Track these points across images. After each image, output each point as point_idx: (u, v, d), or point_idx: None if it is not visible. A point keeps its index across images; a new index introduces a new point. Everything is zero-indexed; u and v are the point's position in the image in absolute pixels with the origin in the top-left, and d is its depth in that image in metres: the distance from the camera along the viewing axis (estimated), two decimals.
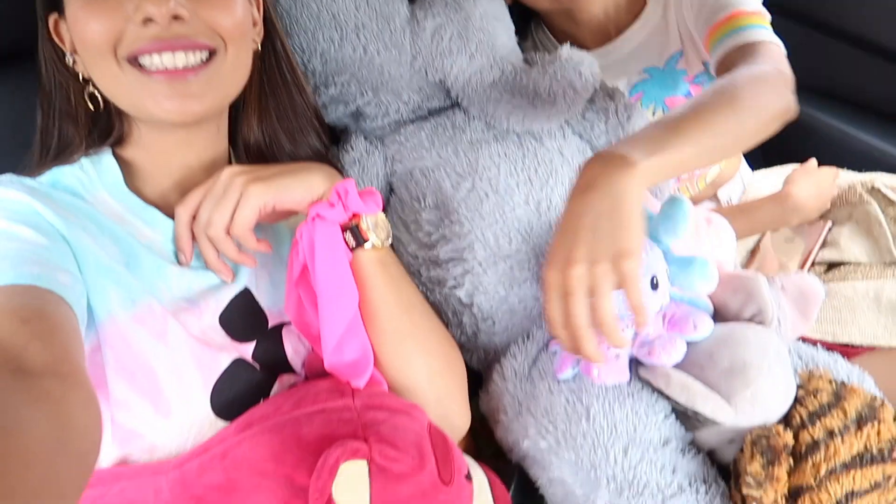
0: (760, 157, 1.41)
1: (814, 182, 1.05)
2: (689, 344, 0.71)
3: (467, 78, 0.83)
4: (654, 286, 0.72)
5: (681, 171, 0.70)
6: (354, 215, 0.64)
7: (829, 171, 1.08)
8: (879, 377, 0.79)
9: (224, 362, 0.61)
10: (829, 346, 0.85)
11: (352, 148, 0.86)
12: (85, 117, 0.66)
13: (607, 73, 0.92)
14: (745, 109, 0.70)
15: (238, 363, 0.62)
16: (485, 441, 0.87)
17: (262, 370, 0.64)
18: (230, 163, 0.74)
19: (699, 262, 0.76)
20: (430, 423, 0.58)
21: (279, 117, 0.73)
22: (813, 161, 1.10)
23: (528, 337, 0.82)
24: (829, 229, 1.07)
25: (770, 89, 0.74)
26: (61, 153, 0.65)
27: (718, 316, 0.76)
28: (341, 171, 0.83)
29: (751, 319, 0.75)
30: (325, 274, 0.60)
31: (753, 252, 1.10)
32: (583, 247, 0.60)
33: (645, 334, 0.69)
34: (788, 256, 1.09)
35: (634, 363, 0.72)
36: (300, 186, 0.63)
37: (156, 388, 0.57)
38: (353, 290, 0.62)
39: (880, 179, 1.08)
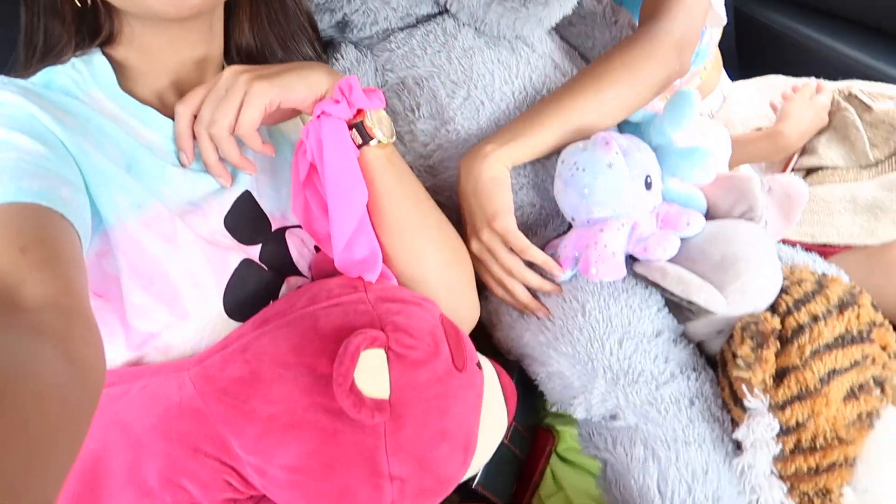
0: (738, 67, 1.43)
1: (808, 113, 1.06)
2: (682, 240, 0.73)
3: None
4: (648, 186, 0.74)
5: (543, 152, 0.79)
6: (359, 112, 0.63)
7: (824, 96, 1.08)
8: (854, 274, 0.84)
9: (233, 262, 0.61)
10: (808, 247, 0.89)
11: (341, 56, 0.84)
12: (71, 14, 0.63)
13: None
14: (618, 86, 0.79)
15: (247, 263, 0.62)
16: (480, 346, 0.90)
17: (271, 271, 0.64)
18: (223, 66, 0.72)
19: (700, 151, 0.77)
20: (441, 314, 0.60)
21: (270, 22, 0.72)
22: (808, 87, 1.10)
23: (534, 234, 0.83)
24: None
25: (650, 62, 0.81)
26: (48, 53, 0.63)
27: (709, 214, 0.78)
28: None
29: (740, 217, 0.77)
30: (334, 171, 0.60)
31: None
32: (468, 224, 0.77)
33: (640, 232, 0.71)
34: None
35: (629, 260, 0.75)
36: (304, 84, 0.62)
37: (171, 291, 0.57)
38: (363, 187, 0.62)
39: (857, 86, 1.09)
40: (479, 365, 0.61)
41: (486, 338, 0.85)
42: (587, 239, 0.72)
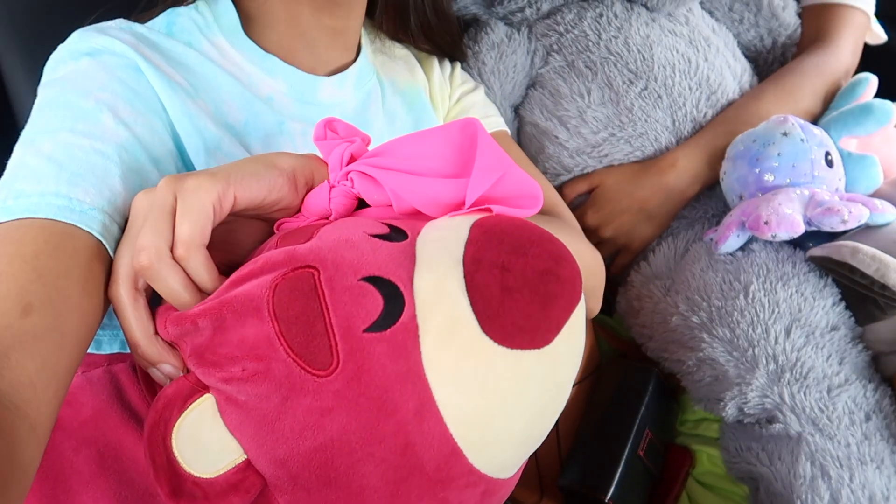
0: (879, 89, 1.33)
1: None
2: (864, 231, 0.65)
3: None
4: (829, 163, 0.67)
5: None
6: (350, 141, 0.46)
7: None
8: None
9: None
10: None
11: (491, 30, 0.81)
12: None
13: None
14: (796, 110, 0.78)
15: None
16: (606, 344, 0.81)
17: None
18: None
19: (869, 159, 0.72)
20: (274, 287, 0.35)
21: None
22: None
23: (675, 235, 0.78)
24: None
25: (822, 89, 0.81)
26: None
27: None
28: (472, 56, 0.79)
29: None
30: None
31: None
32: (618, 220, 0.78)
33: (820, 199, 0.63)
34: None
35: (802, 247, 0.67)
36: (262, 164, 0.42)
37: None
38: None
39: None
40: (387, 317, 0.34)
41: (609, 338, 0.78)
42: (757, 202, 0.65)
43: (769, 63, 0.87)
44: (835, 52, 0.82)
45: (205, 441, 0.35)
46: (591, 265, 0.63)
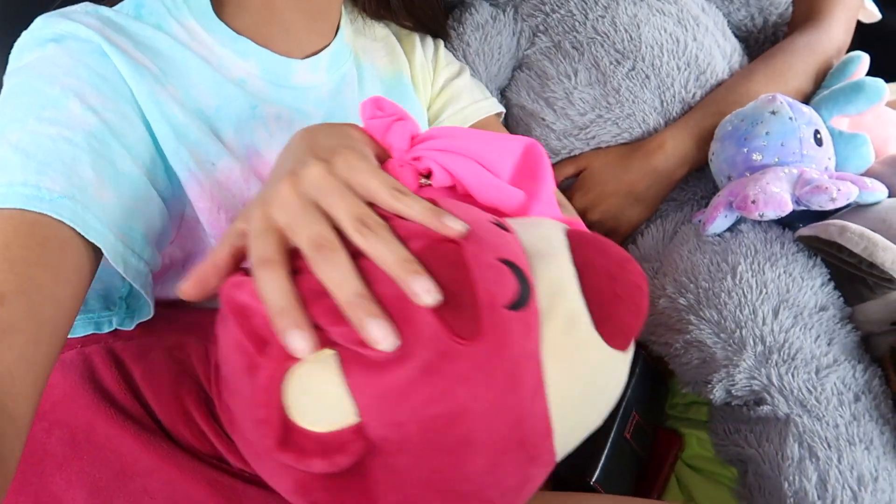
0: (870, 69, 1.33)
1: None
2: (854, 210, 0.64)
3: None
4: (818, 142, 0.66)
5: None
6: (401, 118, 0.47)
7: None
8: None
9: None
10: None
11: (476, 11, 0.80)
12: None
13: None
14: (786, 89, 0.76)
15: None
16: None
17: None
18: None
19: (860, 138, 0.71)
20: (419, 254, 0.35)
21: None
22: None
23: (664, 218, 0.78)
24: None
25: (814, 67, 0.78)
26: None
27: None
28: (456, 37, 0.78)
29: None
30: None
31: None
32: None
33: (808, 177, 0.62)
34: None
35: (790, 228, 0.66)
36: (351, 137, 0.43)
37: None
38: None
39: None
40: (518, 302, 0.35)
41: None
42: (745, 182, 0.64)
43: (760, 43, 0.86)
44: (826, 30, 0.81)
45: (321, 394, 0.34)
46: None
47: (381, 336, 0.32)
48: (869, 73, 1.15)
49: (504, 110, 0.78)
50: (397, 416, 0.34)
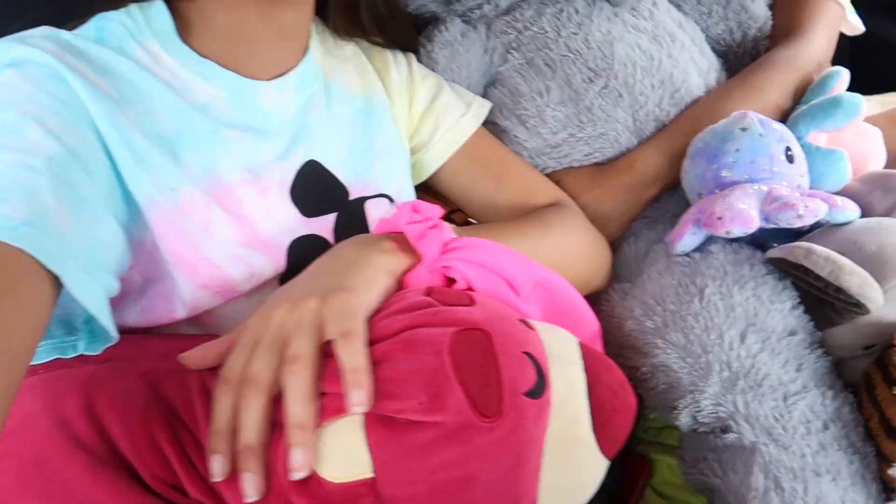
0: (853, 84, 1.32)
1: None
2: (826, 229, 0.62)
3: None
4: (789, 158, 0.65)
5: None
6: (436, 225, 0.52)
7: None
8: None
9: (290, 238, 0.57)
10: None
11: (445, 28, 0.78)
12: None
13: None
14: (763, 106, 0.75)
15: (309, 239, 0.58)
16: None
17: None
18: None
19: (837, 154, 0.69)
20: (454, 338, 0.40)
21: None
22: None
23: (636, 236, 0.76)
24: None
25: (795, 83, 0.77)
26: None
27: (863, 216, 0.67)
28: (425, 54, 0.77)
29: None
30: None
31: None
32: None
33: (778, 194, 0.60)
34: None
35: (760, 246, 0.64)
36: (372, 271, 0.48)
37: (221, 278, 0.54)
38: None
39: None
40: (535, 390, 0.41)
41: None
42: (714, 199, 0.63)
43: (740, 57, 0.85)
44: (807, 44, 0.80)
45: (342, 445, 0.39)
46: (593, 252, 0.70)
47: (248, 490, 0.37)
48: (859, 86, 1.13)
49: (489, 106, 0.77)
50: (412, 476, 0.38)
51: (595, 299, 0.71)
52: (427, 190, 0.74)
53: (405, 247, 0.50)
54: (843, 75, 0.75)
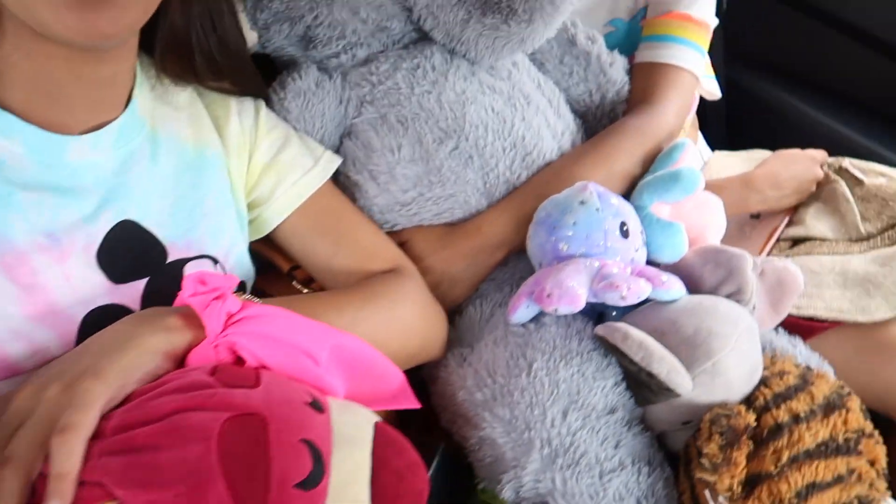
0: (727, 138, 1.40)
1: (791, 168, 0.98)
2: (655, 306, 0.64)
3: None
4: (624, 233, 0.67)
5: None
6: (220, 296, 0.49)
7: (810, 159, 1.01)
8: (843, 353, 0.76)
9: (87, 310, 0.54)
10: (794, 321, 0.79)
11: (299, 76, 0.75)
12: None
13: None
14: (613, 171, 0.78)
15: (108, 310, 0.54)
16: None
17: None
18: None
19: (675, 227, 0.72)
20: (222, 428, 0.39)
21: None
22: (796, 151, 1.03)
23: (484, 298, 0.76)
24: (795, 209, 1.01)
25: (648, 149, 0.80)
26: None
27: (693, 290, 0.69)
28: (277, 101, 0.74)
29: (727, 298, 0.68)
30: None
31: None
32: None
33: (607, 271, 0.62)
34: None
35: (592, 321, 0.66)
36: (141, 350, 0.46)
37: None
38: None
39: (848, 161, 1.02)
40: (309, 479, 0.40)
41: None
42: (548, 273, 0.64)
43: (598, 119, 0.87)
44: (659, 114, 0.82)
45: None
46: (424, 323, 0.68)
47: None
48: (731, 141, 1.18)
49: (338, 161, 0.74)
50: None
51: (435, 363, 0.71)
52: (272, 243, 0.72)
53: (194, 321, 0.48)
54: (688, 147, 0.78)
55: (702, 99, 1.08)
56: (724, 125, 1.46)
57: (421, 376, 0.73)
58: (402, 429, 0.70)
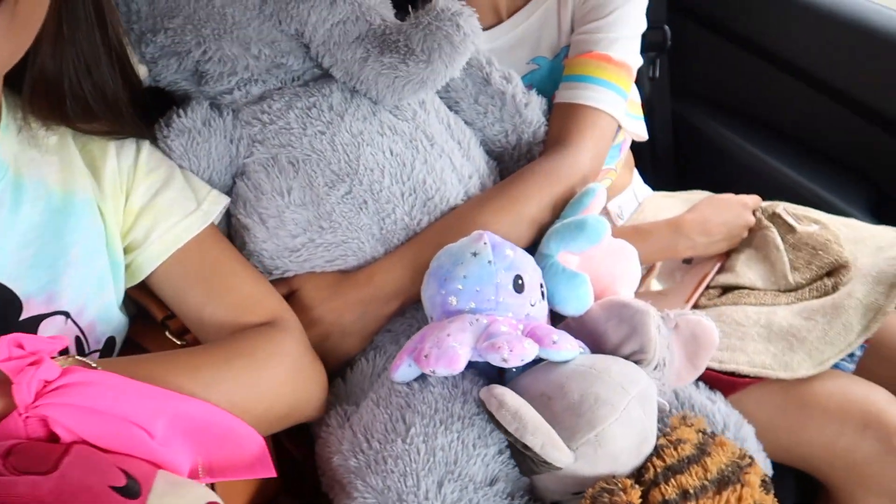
0: (674, 177, 1.37)
1: (722, 215, 0.95)
2: (547, 365, 0.60)
3: (328, 29, 0.71)
4: (518, 288, 0.63)
5: None
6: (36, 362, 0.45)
7: (742, 204, 0.98)
8: (766, 410, 0.74)
9: None
10: (715, 375, 0.76)
11: (185, 113, 0.71)
12: None
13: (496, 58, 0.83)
14: (522, 216, 0.75)
15: None
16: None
17: None
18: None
19: (580, 278, 0.68)
20: None
21: (76, 41, 0.58)
22: (728, 196, 1.00)
23: (378, 350, 0.72)
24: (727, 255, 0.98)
25: (560, 191, 0.77)
26: None
27: (597, 347, 0.66)
28: (161, 139, 0.70)
29: (629, 357, 0.64)
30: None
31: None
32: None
33: (493, 330, 0.58)
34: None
35: (479, 383, 0.61)
36: None
37: None
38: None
39: (782, 206, 0.99)
40: None
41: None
42: (432, 329, 0.60)
43: (515, 160, 0.83)
44: (572, 157, 0.79)
45: None
46: (295, 383, 0.63)
47: None
48: (676, 181, 1.15)
49: (224, 203, 0.70)
50: None
51: (318, 421, 0.67)
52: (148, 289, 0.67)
53: (7, 389, 0.43)
54: (599, 193, 0.75)
55: (651, 137, 1.05)
56: (672, 163, 1.44)
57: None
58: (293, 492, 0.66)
